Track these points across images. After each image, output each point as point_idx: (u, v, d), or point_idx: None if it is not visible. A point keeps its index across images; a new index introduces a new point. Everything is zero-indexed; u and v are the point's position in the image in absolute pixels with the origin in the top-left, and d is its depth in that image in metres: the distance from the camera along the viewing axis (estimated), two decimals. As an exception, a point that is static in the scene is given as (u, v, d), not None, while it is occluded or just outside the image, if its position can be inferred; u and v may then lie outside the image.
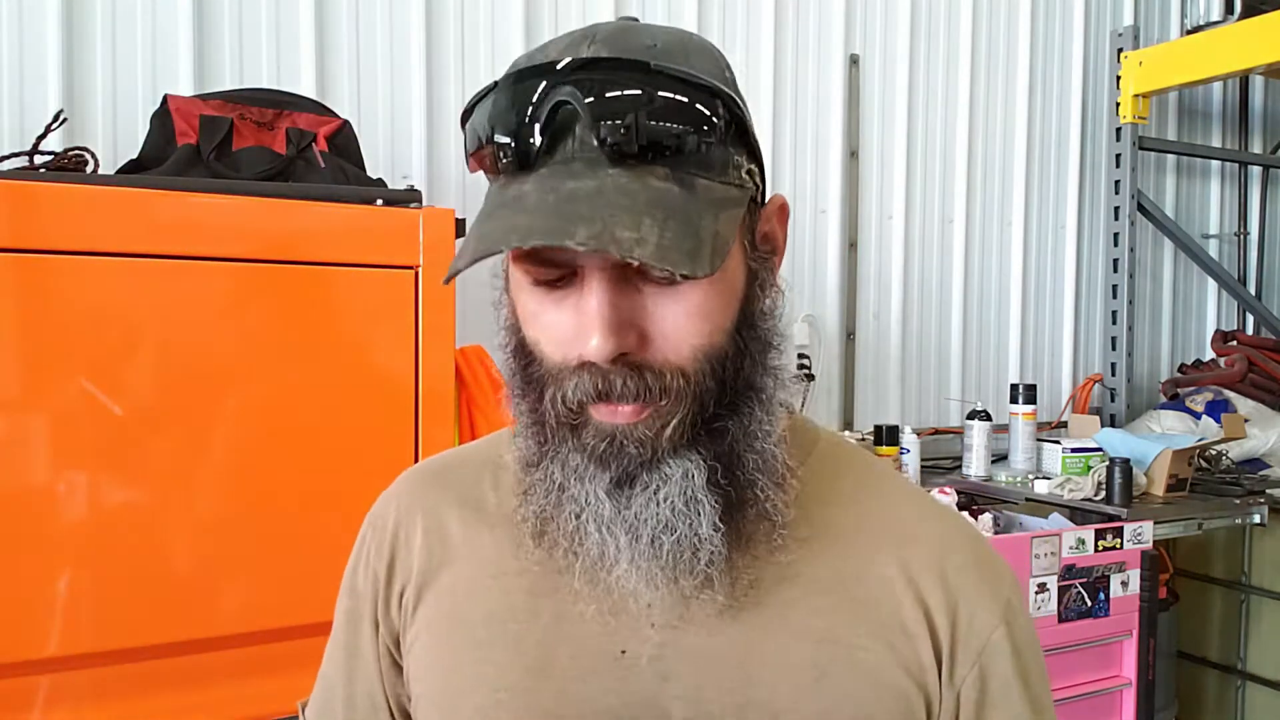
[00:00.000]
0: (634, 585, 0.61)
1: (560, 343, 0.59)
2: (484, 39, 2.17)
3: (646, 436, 0.58)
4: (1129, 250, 3.09)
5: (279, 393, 1.36)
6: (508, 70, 0.59)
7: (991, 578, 0.69)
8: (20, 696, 1.24)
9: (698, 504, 0.59)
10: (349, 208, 1.42)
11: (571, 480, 0.61)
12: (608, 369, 0.57)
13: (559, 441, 0.61)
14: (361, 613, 0.75)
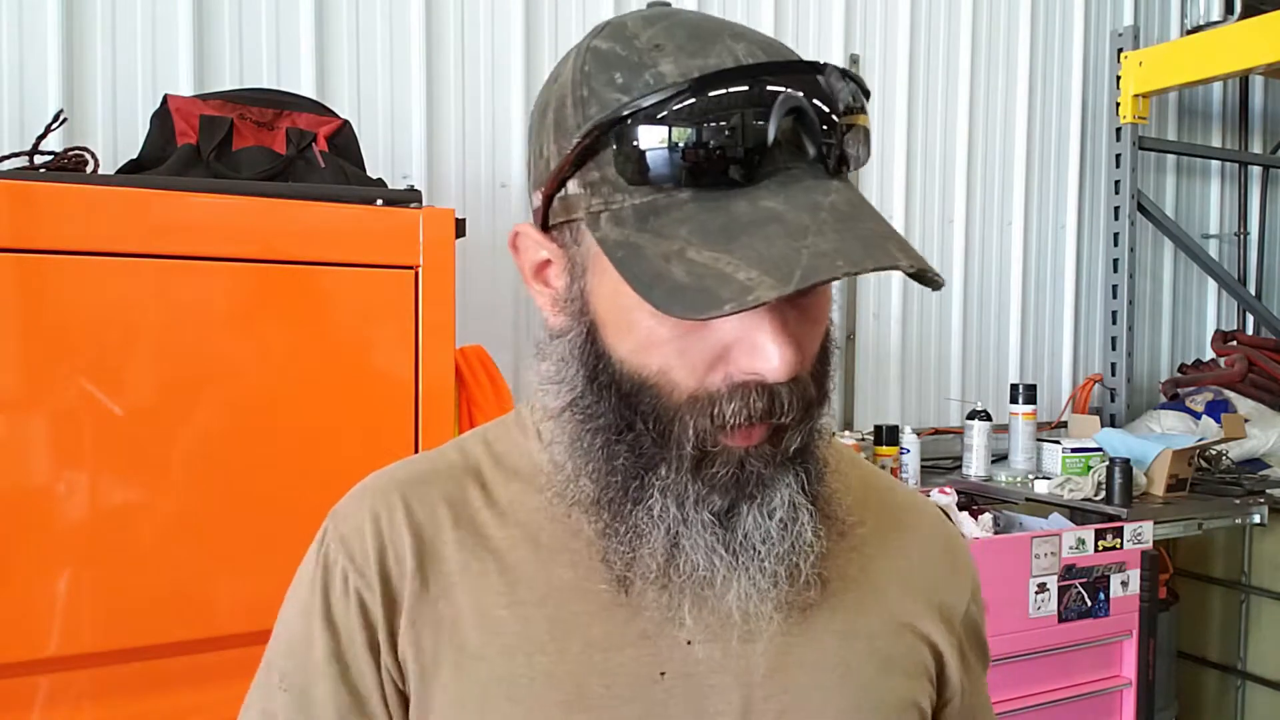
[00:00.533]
0: (748, 606, 0.58)
1: (701, 366, 0.54)
2: (484, 39, 2.17)
3: (770, 454, 0.56)
4: (1129, 250, 3.09)
5: (279, 393, 1.36)
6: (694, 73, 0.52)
7: (960, 542, 0.76)
8: (20, 696, 1.24)
9: (800, 510, 0.58)
10: (349, 208, 1.42)
11: (678, 509, 0.57)
12: (778, 390, 0.54)
13: (673, 475, 0.56)
14: (353, 649, 0.63)
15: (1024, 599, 1.96)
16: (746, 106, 0.50)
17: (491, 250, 2.13)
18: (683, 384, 0.55)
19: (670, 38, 0.55)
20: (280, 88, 1.82)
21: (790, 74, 0.52)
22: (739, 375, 0.54)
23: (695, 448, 0.55)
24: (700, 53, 0.54)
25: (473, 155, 2.16)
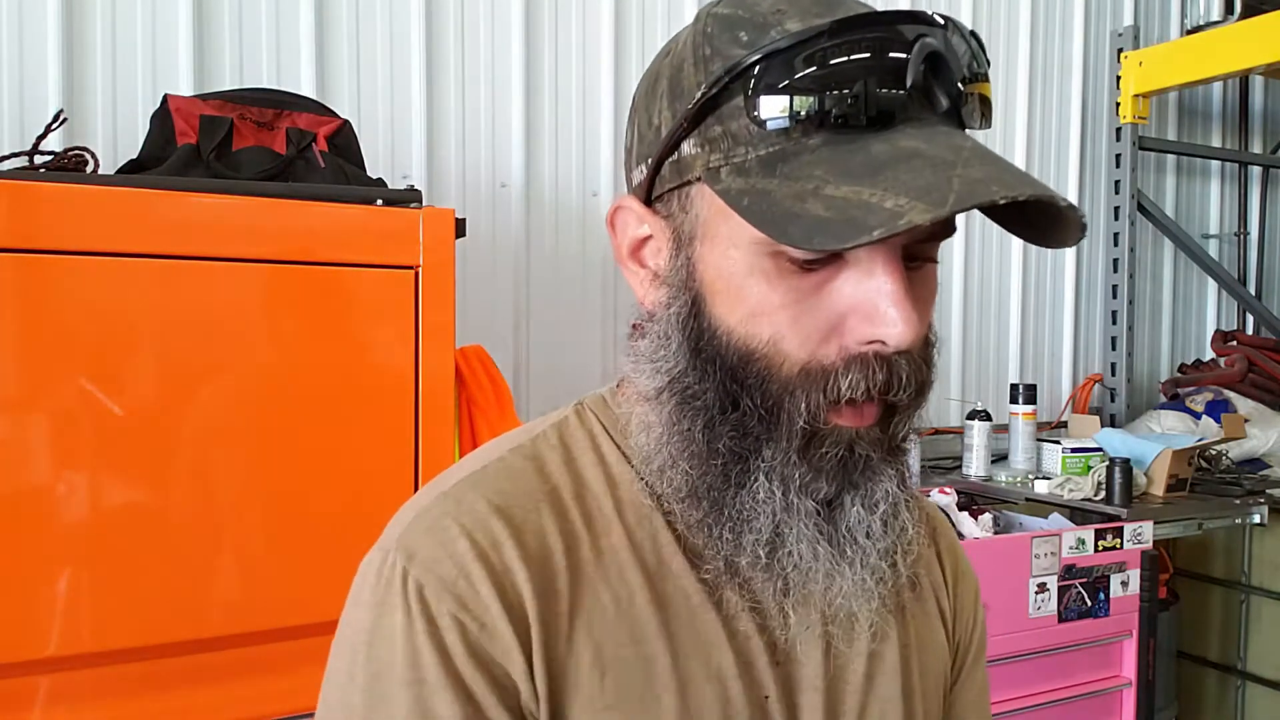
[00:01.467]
0: (851, 601, 0.56)
1: (814, 336, 0.52)
2: (484, 39, 2.17)
3: (880, 438, 0.54)
4: (1129, 250, 3.09)
5: (279, 393, 1.36)
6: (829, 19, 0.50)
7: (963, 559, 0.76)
8: (20, 696, 1.24)
9: (899, 504, 0.56)
10: (349, 208, 1.42)
11: (783, 495, 0.54)
12: (895, 362, 0.52)
13: (780, 455, 0.53)
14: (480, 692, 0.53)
15: (1024, 599, 1.96)
16: (884, 51, 0.49)
17: (491, 250, 2.14)
18: (795, 355, 0.52)
19: (793, 4, 0.53)
20: (280, 88, 1.82)
21: (923, 24, 0.50)
22: (855, 346, 0.51)
23: (806, 424, 0.52)
24: (827, 12, 0.51)
25: (473, 155, 2.16)
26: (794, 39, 0.49)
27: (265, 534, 1.35)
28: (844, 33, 0.49)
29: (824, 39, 0.49)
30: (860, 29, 0.49)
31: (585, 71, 2.30)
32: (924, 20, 0.50)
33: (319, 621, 1.38)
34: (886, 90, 0.49)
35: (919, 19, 0.50)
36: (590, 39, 2.30)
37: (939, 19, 0.51)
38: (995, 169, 0.47)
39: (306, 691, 1.38)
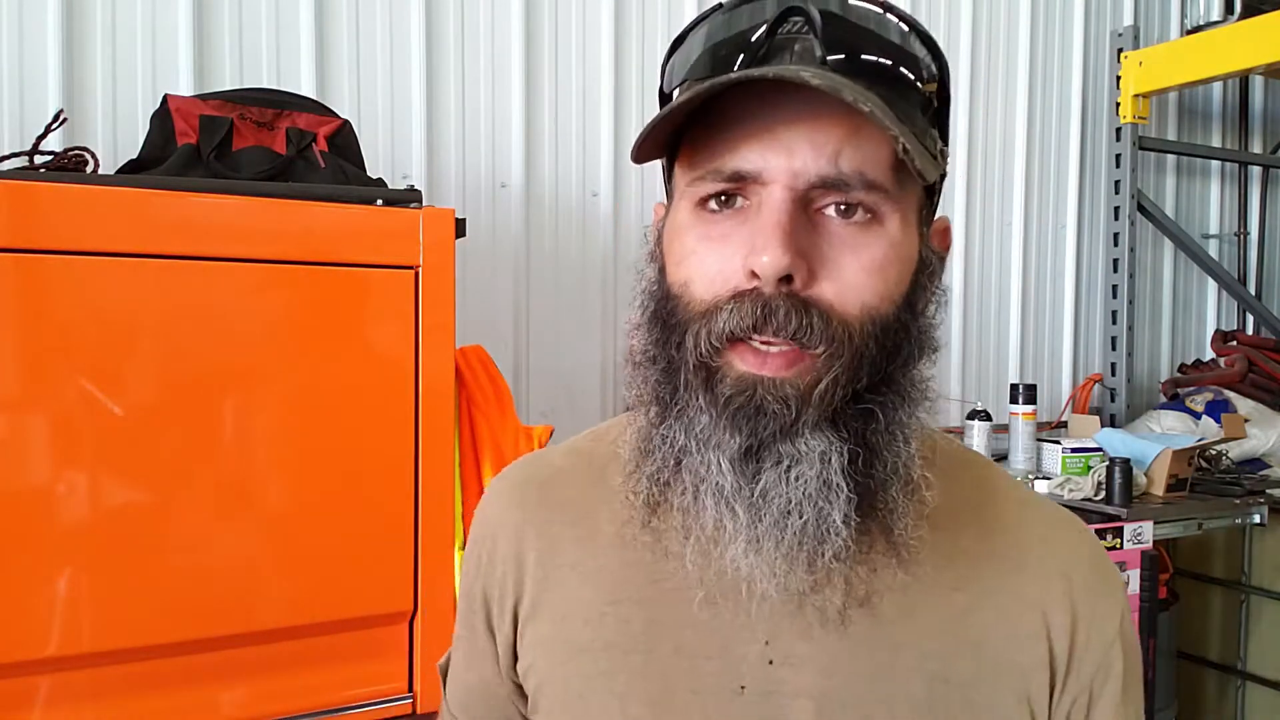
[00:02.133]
0: (749, 569, 0.56)
1: (715, 276, 0.55)
2: (484, 39, 2.17)
3: (791, 394, 0.54)
4: (1129, 250, 3.09)
5: (278, 393, 1.36)
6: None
7: (1108, 596, 0.66)
8: (20, 696, 1.24)
9: (834, 490, 0.55)
10: (349, 208, 1.42)
11: (694, 445, 0.56)
12: (770, 295, 0.53)
13: (689, 395, 0.56)
14: (475, 622, 0.74)
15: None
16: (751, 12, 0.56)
17: (491, 250, 2.14)
18: (700, 296, 0.56)
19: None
20: (280, 88, 1.82)
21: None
22: (743, 284, 0.54)
23: (697, 361, 0.55)
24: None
25: (473, 155, 2.16)
26: (687, 27, 0.59)
27: (265, 534, 1.35)
28: (720, 11, 0.58)
29: (716, 11, 0.58)
30: (731, 7, 0.57)
31: (585, 71, 2.30)
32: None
33: (319, 621, 1.38)
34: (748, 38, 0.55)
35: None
36: (590, 39, 2.30)
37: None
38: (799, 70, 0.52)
39: (307, 691, 1.38)
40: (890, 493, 0.57)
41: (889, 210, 0.56)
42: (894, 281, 0.57)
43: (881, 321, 0.56)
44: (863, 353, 0.55)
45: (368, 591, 1.39)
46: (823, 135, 0.53)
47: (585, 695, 0.64)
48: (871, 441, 0.56)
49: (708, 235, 0.56)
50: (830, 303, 0.54)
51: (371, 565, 1.39)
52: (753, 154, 0.54)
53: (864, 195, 0.54)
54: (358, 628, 1.39)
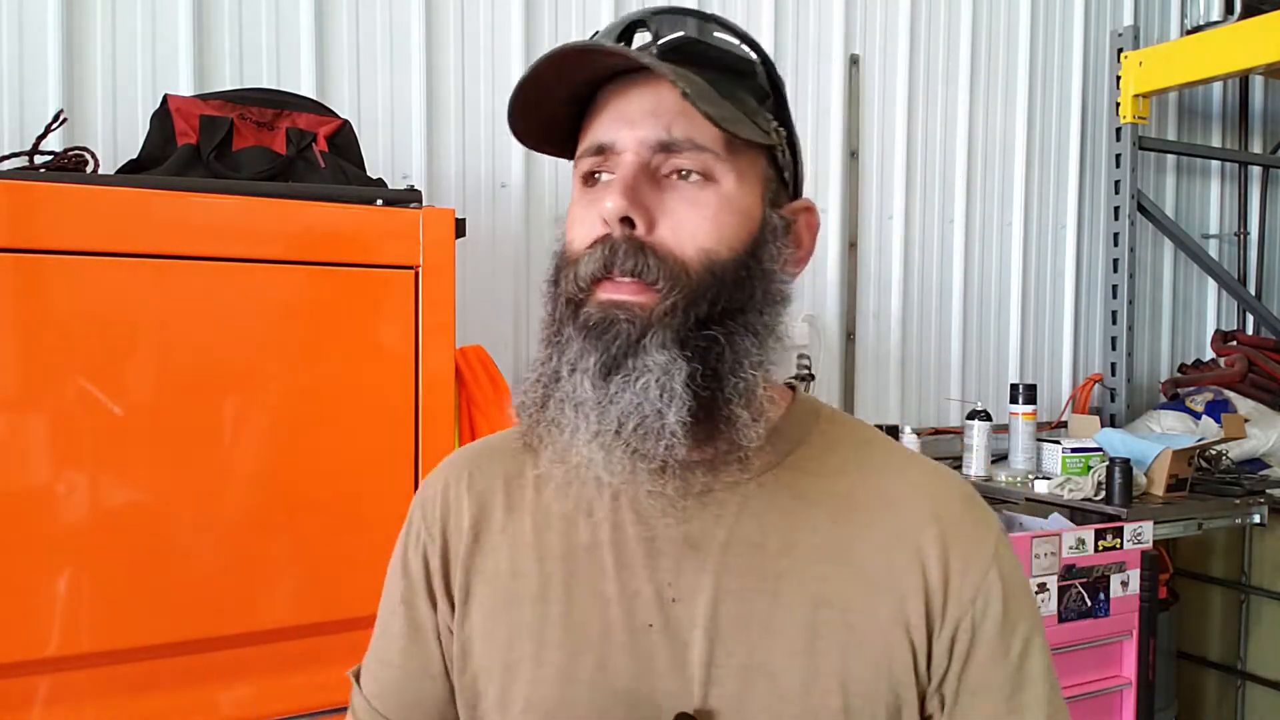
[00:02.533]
0: (594, 463, 0.64)
1: (584, 231, 0.67)
2: (484, 39, 2.17)
3: (638, 314, 0.64)
4: (1129, 250, 3.09)
5: (278, 393, 1.36)
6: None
7: (980, 528, 0.73)
8: (20, 696, 1.24)
9: (670, 395, 0.63)
10: (349, 208, 1.42)
11: (565, 370, 0.66)
12: (616, 240, 0.64)
13: (562, 326, 0.67)
14: (416, 593, 0.78)
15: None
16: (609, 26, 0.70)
17: (491, 250, 2.14)
18: (576, 248, 0.68)
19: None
20: (280, 88, 1.82)
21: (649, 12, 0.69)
22: (599, 232, 0.66)
23: (569, 298, 0.66)
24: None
25: (473, 155, 2.16)
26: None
27: (265, 534, 1.35)
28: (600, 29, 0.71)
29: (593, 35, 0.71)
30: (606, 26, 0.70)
31: (585, 71, 2.29)
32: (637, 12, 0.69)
33: (319, 621, 1.38)
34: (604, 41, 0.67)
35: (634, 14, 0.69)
36: (590, 39, 2.30)
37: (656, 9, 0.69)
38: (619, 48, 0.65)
39: (307, 691, 1.38)
40: (733, 408, 0.65)
41: (723, 171, 0.67)
42: (729, 231, 0.66)
43: (720, 263, 0.66)
44: (700, 287, 0.65)
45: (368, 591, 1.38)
46: (660, 110, 0.65)
47: (512, 644, 0.73)
48: (714, 364, 0.65)
49: (585, 201, 0.68)
50: (669, 246, 0.65)
51: (371, 565, 1.39)
52: (610, 130, 0.67)
53: (695, 155, 0.66)
54: (357, 628, 1.39)
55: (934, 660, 0.70)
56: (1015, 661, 0.71)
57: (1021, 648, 0.71)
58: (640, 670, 0.69)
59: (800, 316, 2.61)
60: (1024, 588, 0.73)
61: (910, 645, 0.69)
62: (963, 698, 0.70)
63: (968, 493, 0.75)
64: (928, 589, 0.70)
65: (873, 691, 0.68)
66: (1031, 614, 0.73)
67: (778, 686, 0.68)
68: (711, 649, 0.69)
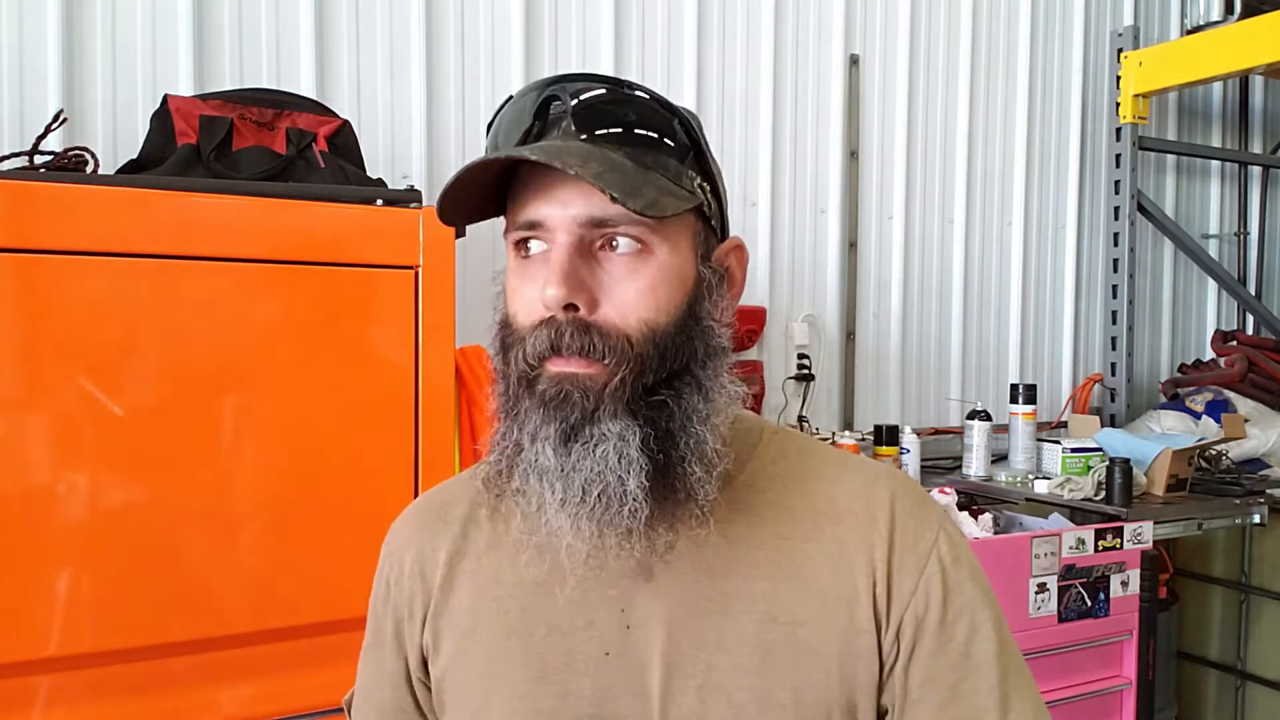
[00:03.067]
0: (564, 531, 0.68)
1: (527, 308, 0.69)
2: (484, 39, 2.17)
3: (591, 387, 0.66)
4: (1129, 250, 3.09)
5: (279, 393, 1.36)
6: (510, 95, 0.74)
7: (920, 520, 0.75)
8: (20, 696, 1.24)
9: (629, 462, 0.66)
10: (349, 208, 1.42)
11: (526, 439, 0.68)
12: (561, 323, 0.66)
13: (519, 400, 0.69)
14: (384, 638, 0.83)
15: (1024, 599, 1.96)
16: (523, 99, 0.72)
17: (491, 250, 2.13)
18: (520, 321, 0.70)
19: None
20: (280, 88, 1.82)
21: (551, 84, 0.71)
22: (543, 313, 0.67)
23: (519, 371, 0.68)
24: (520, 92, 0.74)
25: (473, 155, 2.14)
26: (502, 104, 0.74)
27: (265, 534, 1.35)
28: (508, 101, 0.73)
29: (505, 104, 0.73)
30: (514, 98, 0.73)
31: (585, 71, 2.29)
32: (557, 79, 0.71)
33: (319, 621, 1.38)
34: (519, 126, 0.70)
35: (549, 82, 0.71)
36: (590, 39, 2.30)
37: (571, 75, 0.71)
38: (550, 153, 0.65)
39: (307, 691, 1.38)
40: (688, 466, 0.69)
41: (656, 240, 0.68)
42: (666, 298, 0.69)
43: (660, 331, 0.68)
44: (645, 356, 0.67)
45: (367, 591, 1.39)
46: (589, 188, 0.65)
47: (480, 680, 0.76)
48: (666, 426, 0.68)
49: (522, 274, 0.70)
50: (613, 322, 0.67)
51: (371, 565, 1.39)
52: (541, 207, 0.68)
53: (628, 228, 0.67)
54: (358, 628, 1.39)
55: (884, 658, 0.72)
56: (960, 649, 0.72)
57: (966, 635, 0.73)
58: (602, 697, 0.73)
59: (800, 316, 2.61)
60: (970, 577, 0.74)
61: (864, 649, 0.72)
62: (911, 691, 0.72)
63: (907, 488, 0.78)
64: (875, 590, 0.72)
65: (826, 700, 0.71)
66: (980, 602, 0.74)
67: (733, 704, 0.71)
68: (669, 672, 0.72)
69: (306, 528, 1.38)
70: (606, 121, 0.69)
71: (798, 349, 2.60)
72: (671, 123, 0.71)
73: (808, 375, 2.60)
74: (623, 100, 0.70)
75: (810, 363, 2.61)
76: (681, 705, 0.71)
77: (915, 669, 0.72)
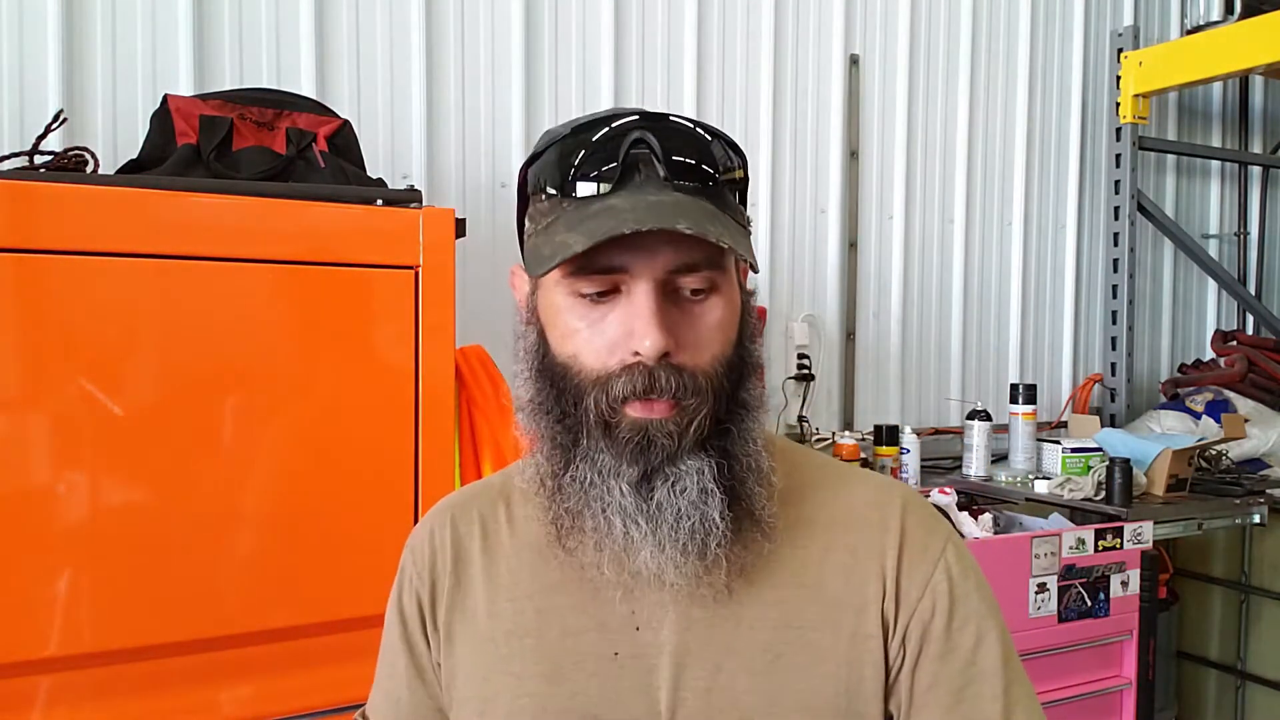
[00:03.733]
0: (658, 568, 0.70)
1: (602, 351, 0.69)
2: (484, 39, 2.17)
3: (674, 430, 0.69)
4: (1129, 250, 3.09)
5: (279, 392, 1.36)
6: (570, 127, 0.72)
7: (927, 538, 0.77)
8: (20, 696, 1.24)
9: (710, 495, 0.69)
10: (349, 208, 1.42)
11: (598, 478, 0.70)
12: (653, 367, 0.68)
13: (591, 443, 0.71)
14: (413, 633, 0.84)
15: (1024, 599, 1.96)
16: (600, 141, 0.70)
17: (491, 250, 2.13)
18: (590, 366, 0.70)
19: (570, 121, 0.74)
20: (280, 88, 1.82)
21: (633, 117, 0.71)
22: (628, 359, 0.68)
23: (598, 417, 0.69)
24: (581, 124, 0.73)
25: (473, 155, 2.16)
26: (547, 142, 0.73)
27: (265, 534, 1.35)
28: (578, 133, 0.71)
29: (565, 140, 0.71)
30: (593, 129, 0.71)
31: (585, 71, 2.30)
32: (635, 114, 0.71)
33: (318, 621, 1.38)
34: (605, 165, 0.69)
35: (629, 114, 0.71)
36: (590, 39, 2.30)
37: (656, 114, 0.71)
38: (653, 212, 0.65)
39: (307, 691, 1.38)
40: (749, 486, 0.72)
41: (722, 279, 0.71)
42: (731, 329, 0.72)
43: (726, 362, 0.72)
44: (719, 392, 0.71)
45: (367, 591, 1.39)
46: (674, 237, 0.66)
47: (489, 678, 0.78)
48: (731, 451, 0.71)
49: (588, 318, 0.70)
50: (696, 363, 0.70)
51: (371, 565, 1.39)
52: (625, 255, 0.68)
53: (708, 274, 0.70)
54: (358, 628, 1.39)
55: (890, 663, 0.74)
56: (966, 656, 0.74)
57: (973, 643, 0.75)
58: (610, 696, 0.74)
59: (800, 316, 2.61)
60: (976, 589, 0.77)
61: (871, 654, 0.74)
62: (917, 695, 0.74)
63: (917, 502, 0.80)
64: (884, 596, 0.75)
65: (834, 705, 0.73)
66: (985, 612, 0.76)
67: (740, 706, 0.72)
68: (677, 674, 0.74)
69: (305, 527, 1.38)
70: (689, 169, 0.70)
71: (798, 349, 2.60)
72: (735, 162, 0.73)
73: (808, 375, 2.60)
74: (703, 145, 0.71)
75: (810, 363, 2.61)
76: (689, 706, 0.73)
77: (921, 674, 0.74)
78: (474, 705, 0.79)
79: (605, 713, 0.74)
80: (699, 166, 0.70)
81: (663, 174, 0.69)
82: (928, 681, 0.74)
